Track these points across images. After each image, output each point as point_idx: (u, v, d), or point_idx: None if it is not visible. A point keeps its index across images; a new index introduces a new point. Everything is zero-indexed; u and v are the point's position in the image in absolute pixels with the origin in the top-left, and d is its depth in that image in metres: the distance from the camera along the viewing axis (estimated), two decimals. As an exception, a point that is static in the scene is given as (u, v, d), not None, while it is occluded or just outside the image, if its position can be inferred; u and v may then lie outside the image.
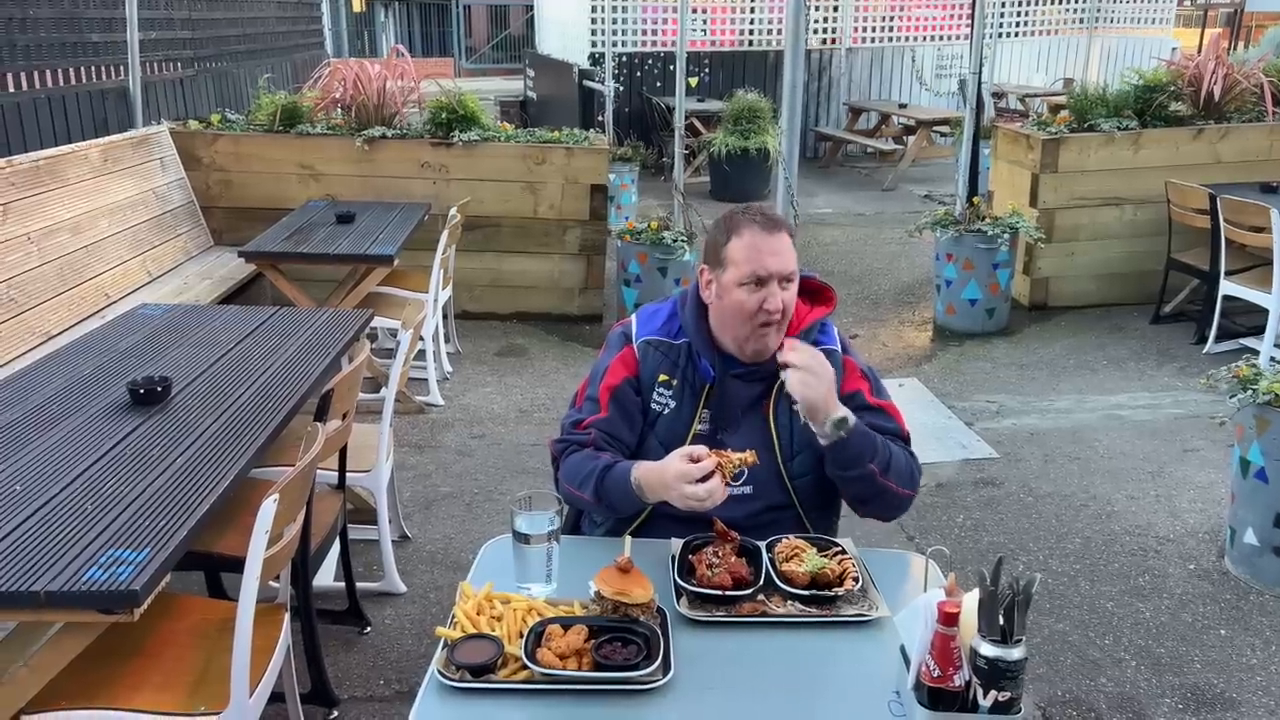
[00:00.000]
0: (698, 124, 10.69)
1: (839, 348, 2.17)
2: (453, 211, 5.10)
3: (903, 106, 11.77)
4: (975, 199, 6.24)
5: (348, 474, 3.00)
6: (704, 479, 1.83)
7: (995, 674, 1.39)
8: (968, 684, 1.42)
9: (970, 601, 1.45)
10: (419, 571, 3.45)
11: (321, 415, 2.43)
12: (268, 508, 1.88)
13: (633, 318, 2.21)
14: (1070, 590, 3.40)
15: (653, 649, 1.57)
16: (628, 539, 1.74)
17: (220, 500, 2.05)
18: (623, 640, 1.59)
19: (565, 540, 2.13)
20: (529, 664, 1.52)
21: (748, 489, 2.07)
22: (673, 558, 1.87)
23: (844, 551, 1.89)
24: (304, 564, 2.51)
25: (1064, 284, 6.45)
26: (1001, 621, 1.40)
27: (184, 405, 2.56)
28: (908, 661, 1.49)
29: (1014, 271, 6.14)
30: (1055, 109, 9.10)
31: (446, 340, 5.56)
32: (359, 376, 2.64)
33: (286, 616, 2.32)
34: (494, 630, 1.62)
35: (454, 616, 1.65)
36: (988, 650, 1.39)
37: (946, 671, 1.41)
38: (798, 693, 1.58)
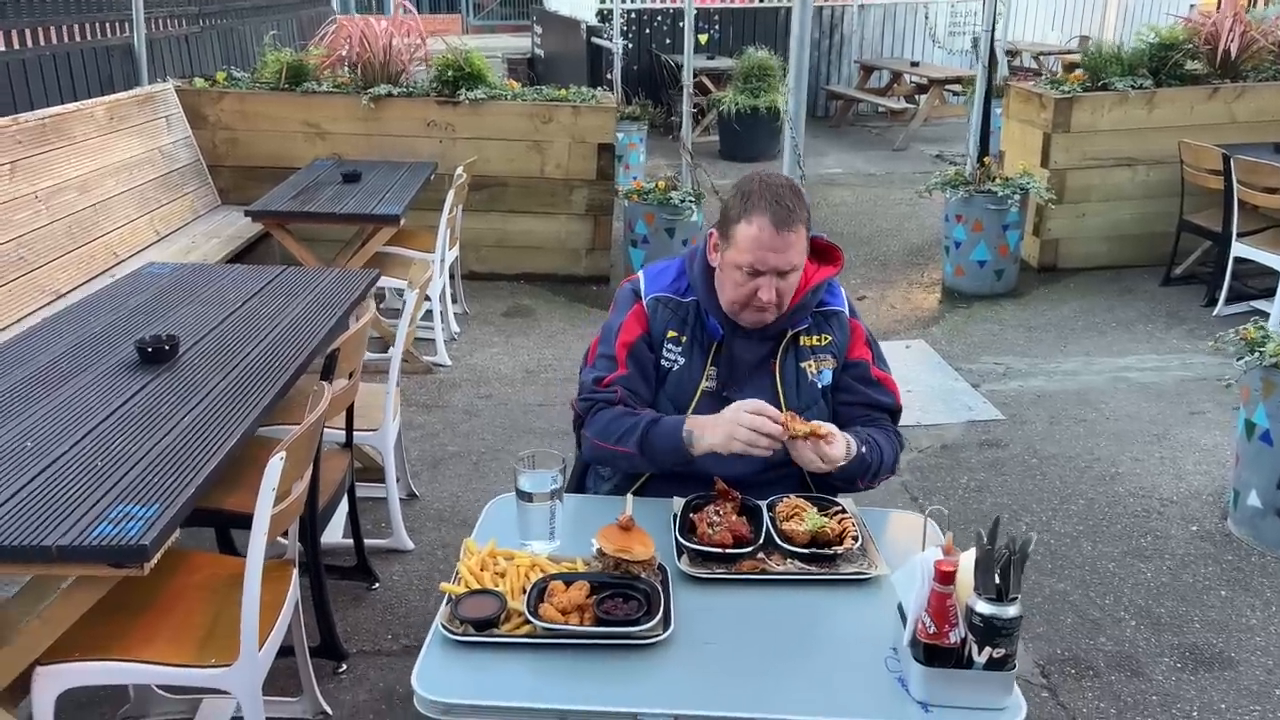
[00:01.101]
0: (707, 82, 10.58)
1: (845, 308, 2.18)
2: (459, 171, 5.08)
3: (915, 65, 11.62)
4: (986, 159, 6.19)
5: (355, 433, 3.02)
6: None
7: (990, 631, 1.41)
8: (963, 641, 1.44)
9: (967, 560, 1.47)
10: (426, 529, 3.49)
11: (328, 374, 2.45)
12: (275, 465, 1.91)
13: (640, 274, 2.21)
14: (1072, 551, 3.43)
15: (653, 605, 1.59)
16: (629, 498, 1.76)
17: (227, 458, 2.07)
18: (624, 596, 1.61)
19: (568, 499, 2.17)
20: (531, 619, 1.54)
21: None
22: (674, 516, 1.89)
23: (844, 511, 1.90)
24: (312, 521, 2.54)
25: (1074, 245, 6.41)
26: (997, 580, 1.41)
27: (192, 363, 2.57)
28: (905, 618, 1.51)
29: (1024, 233, 6.10)
30: (1070, 67, 8.97)
31: (454, 301, 5.57)
32: (365, 336, 2.66)
33: (295, 572, 2.35)
34: (497, 586, 1.64)
35: (458, 572, 1.68)
36: (983, 608, 1.41)
37: (942, 629, 1.43)
38: (796, 648, 1.60)
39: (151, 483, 1.92)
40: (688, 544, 1.78)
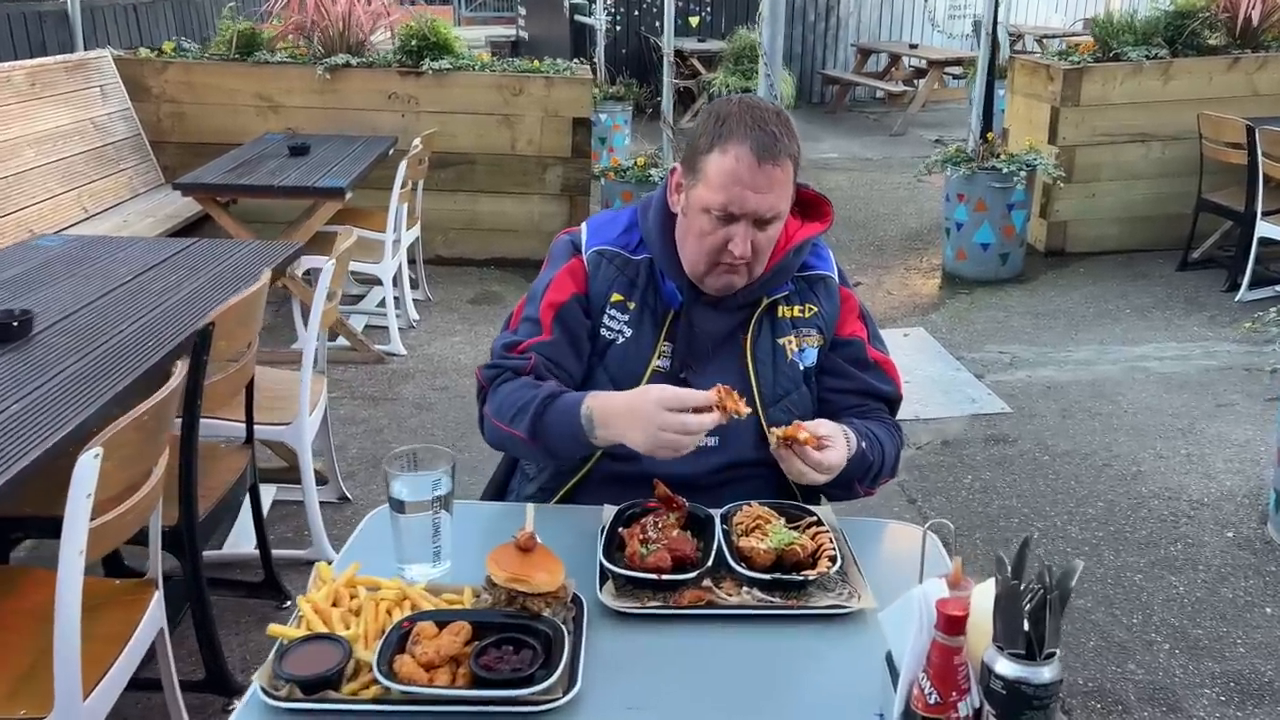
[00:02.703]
0: (698, 65, 10.17)
1: (835, 273, 1.76)
2: (416, 142, 4.66)
3: (913, 47, 11.19)
4: (989, 135, 5.76)
5: (261, 426, 2.60)
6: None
7: (1017, 702, 0.98)
8: (977, 714, 1.02)
9: (983, 598, 1.05)
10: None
11: (200, 354, 2.02)
12: (86, 464, 1.48)
13: (583, 225, 1.78)
14: (1092, 561, 3.00)
15: (554, 655, 1.17)
16: (529, 508, 1.32)
17: (48, 455, 1.65)
18: (516, 643, 1.19)
19: (483, 507, 1.75)
20: (380, 678, 1.12)
21: (712, 440, 1.66)
22: (600, 530, 1.47)
23: (820, 523, 1.48)
24: (190, 531, 2.12)
25: (1083, 228, 5.99)
26: (1027, 628, 0.99)
27: (46, 343, 2.15)
28: (895, 675, 1.09)
29: (1029, 214, 5.68)
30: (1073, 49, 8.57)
31: (414, 286, 5.15)
32: (254, 309, 2.23)
33: (158, 595, 1.93)
34: (349, 627, 1.22)
35: (298, 611, 1.25)
36: (1007, 669, 0.99)
37: (948, 697, 1.01)
38: (751, 711, 1.18)
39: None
40: (612, 567, 1.36)
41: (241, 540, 2.86)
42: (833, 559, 1.39)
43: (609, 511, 1.51)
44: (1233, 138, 5.22)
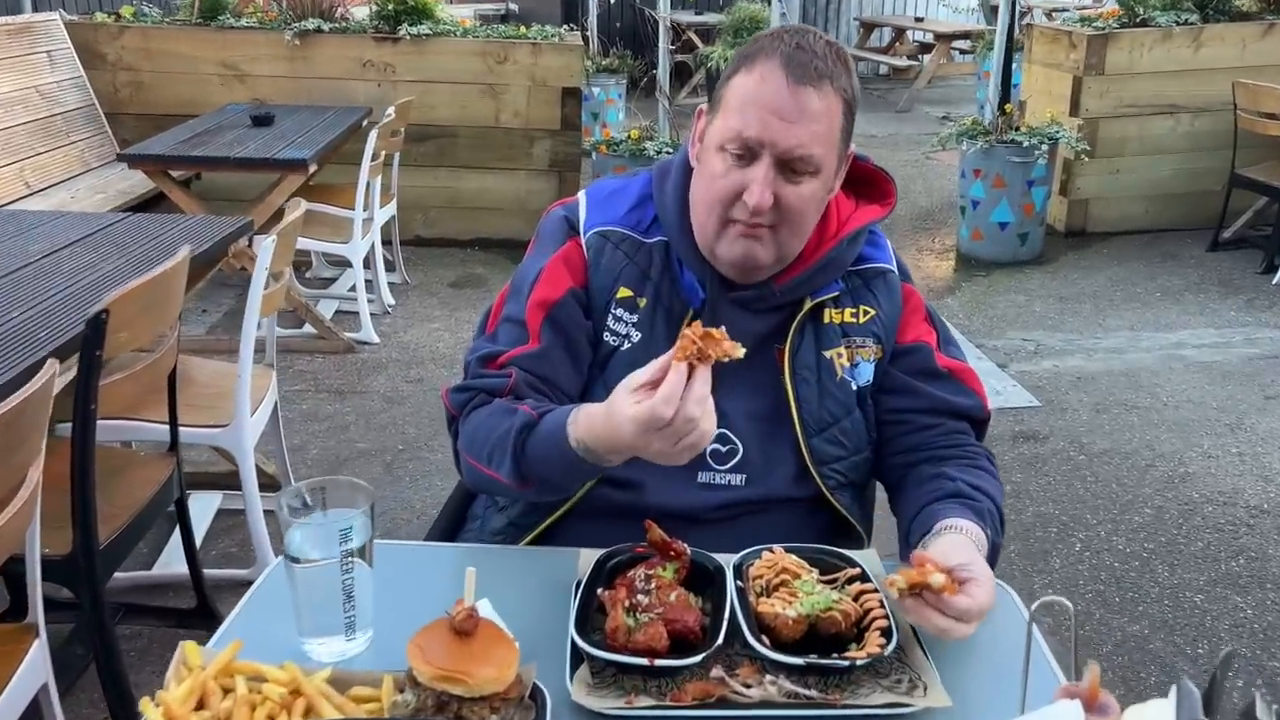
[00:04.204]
0: (695, 38, 9.75)
1: (895, 268, 1.39)
2: (389, 110, 4.27)
3: (919, 20, 10.79)
4: (1007, 106, 5.38)
5: (190, 429, 2.24)
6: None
7: None
8: None
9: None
10: (310, 552, 2.71)
11: (93, 346, 1.65)
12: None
13: (581, 195, 1.39)
14: (1144, 579, 2.66)
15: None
16: (470, 573, 0.96)
17: None
18: (446, 772, 0.83)
19: (426, 552, 1.39)
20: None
21: (738, 477, 1.31)
22: (575, 588, 1.10)
23: (864, 576, 1.12)
24: (88, 560, 1.76)
25: (1106, 206, 5.62)
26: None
27: (-88, 335, 1.78)
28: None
29: (1050, 191, 5.30)
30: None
31: (390, 269, 4.77)
32: (163, 293, 1.86)
33: (38, 643, 1.57)
34: (213, 743, 0.86)
35: (141, 715, 0.89)
36: None
37: None
38: None
39: None
40: (588, 648, 1.00)
41: (174, 559, 2.50)
42: (886, 633, 1.03)
43: (586, 560, 1.15)
44: (1270, 107, 4.86)
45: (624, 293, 1.32)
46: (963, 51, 10.32)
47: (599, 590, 1.06)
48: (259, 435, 2.48)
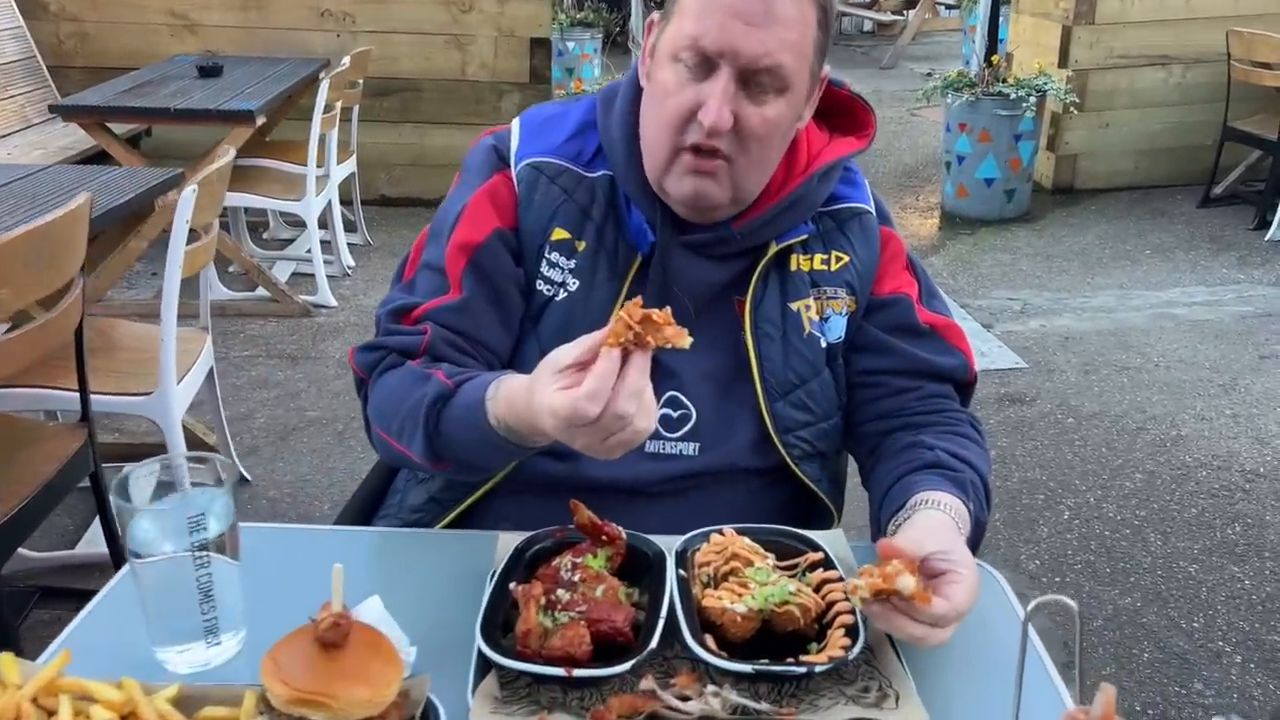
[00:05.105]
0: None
1: (873, 208, 1.21)
2: (344, 59, 4.04)
3: (904, -26, 10.53)
4: (994, 57, 5.19)
5: (113, 397, 2.06)
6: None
7: None
8: None
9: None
10: (251, 528, 2.54)
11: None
12: None
13: (515, 122, 1.21)
14: (1136, 548, 2.52)
15: None
16: (337, 570, 0.78)
17: None
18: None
19: (329, 535, 1.22)
20: None
21: (690, 446, 1.14)
22: (490, 578, 0.94)
23: (829, 563, 0.96)
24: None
25: (1095, 162, 5.45)
26: None
27: None
28: None
29: (1038, 146, 5.13)
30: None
31: (350, 229, 4.56)
32: (63, 242, 1.66)
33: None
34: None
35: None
36: None
37: None
38: None
39: None
40: (494, 655, 0.83)
41: (100, 537, 2.32)
42: (851, 631, 0.86)
43: (505, 546, 0.99)
44: (1266, 57, 4.69)
45: (560, 234, 1.14)
46: (948, 6, 10.08)
47: (512, 585, 0.89)
48: (189, 403, 2.30)
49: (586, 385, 0.84)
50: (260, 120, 3.60)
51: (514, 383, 0.97)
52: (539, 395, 0.89)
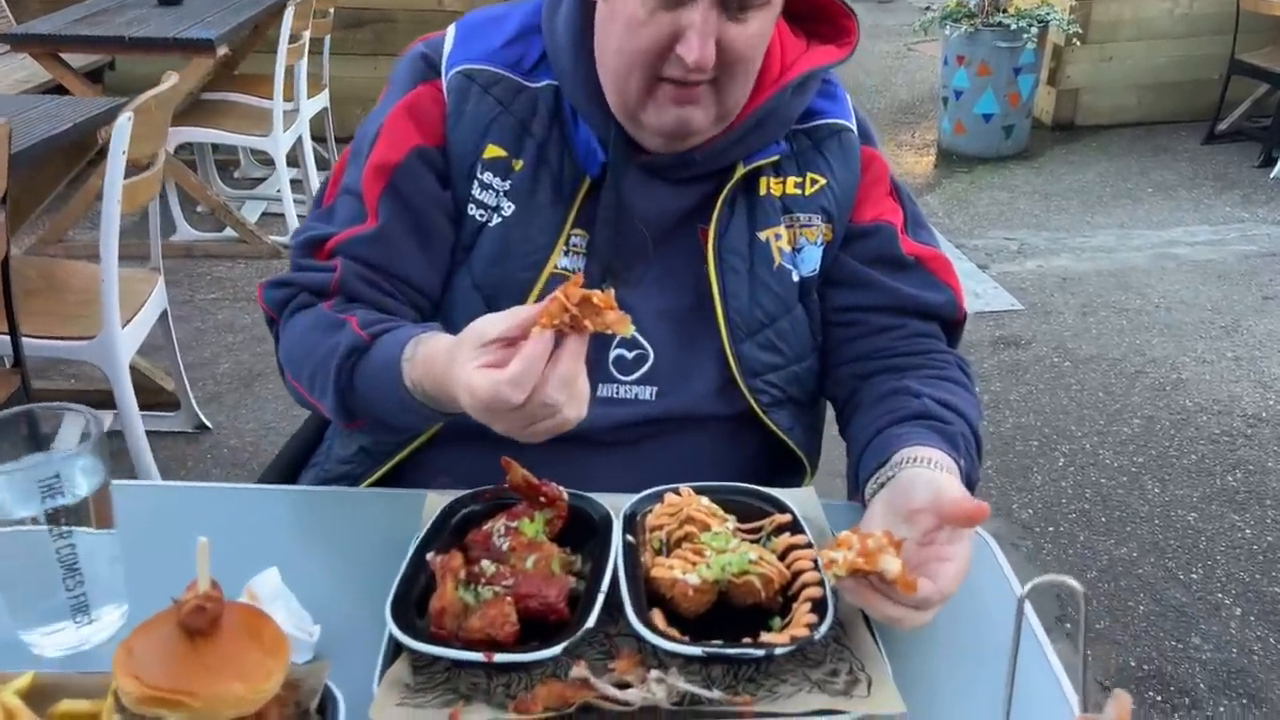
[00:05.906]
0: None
1: (854, 125, 1.07)
2: (310, -12, 3.84)
3: (903, -96, 10.16)
4: (995, -14, 4.98)
5: (51, 341, 1.94)
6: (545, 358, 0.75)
7: None
8: None
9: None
10: (210, 478, 2.43)
11: None
12: None
13: (450, 29, 1.05)
14: (1133, 495, 2.43)
15: None
16: (202, 544, 0.66)
17: None
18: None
19: (241, 494, 1.11)
20: None
21: (647, 390, 1.02)
22: (411, 547, 0.82)
23: (797, 526, 0.84)
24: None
25: (1097, 97, 5.27)
26: None
27: None
28: None
29: (1038, 80, 4.94)
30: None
31: (324, 166, 4.39)
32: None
33: None
34: None
35: None
36: None
37: None
38: None
39: None
40: (404, 637, 0.71)
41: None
42: (819, 605, 0.75)
43: (432, 507, 0.87)
44: (1279, -15, 4.49)
45: (494, 151, 1.00)
46: (948, -63, 9.76)
47: (430, 554, 0.78)
48: (136, 348, 2.17)
49: (512, 368, 0.73)
50: (222, 50, 3.41)
51: (435, 344, 0.85)
52: (459, 368, 0.77)
